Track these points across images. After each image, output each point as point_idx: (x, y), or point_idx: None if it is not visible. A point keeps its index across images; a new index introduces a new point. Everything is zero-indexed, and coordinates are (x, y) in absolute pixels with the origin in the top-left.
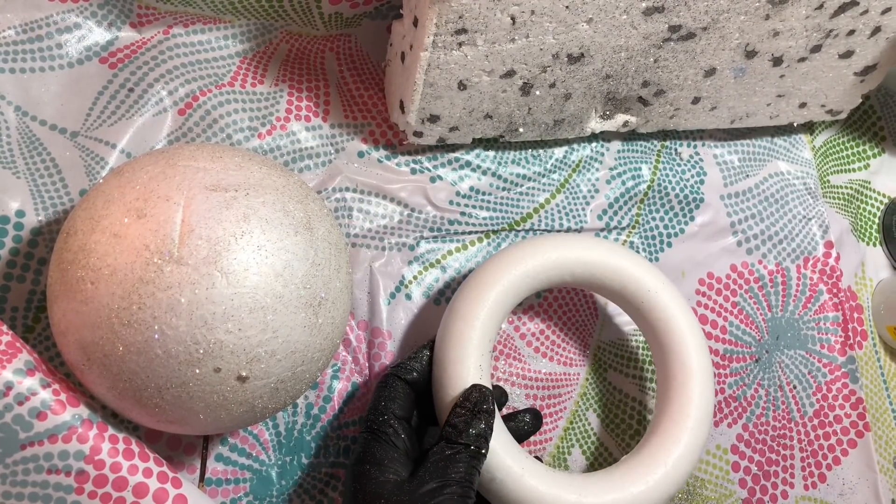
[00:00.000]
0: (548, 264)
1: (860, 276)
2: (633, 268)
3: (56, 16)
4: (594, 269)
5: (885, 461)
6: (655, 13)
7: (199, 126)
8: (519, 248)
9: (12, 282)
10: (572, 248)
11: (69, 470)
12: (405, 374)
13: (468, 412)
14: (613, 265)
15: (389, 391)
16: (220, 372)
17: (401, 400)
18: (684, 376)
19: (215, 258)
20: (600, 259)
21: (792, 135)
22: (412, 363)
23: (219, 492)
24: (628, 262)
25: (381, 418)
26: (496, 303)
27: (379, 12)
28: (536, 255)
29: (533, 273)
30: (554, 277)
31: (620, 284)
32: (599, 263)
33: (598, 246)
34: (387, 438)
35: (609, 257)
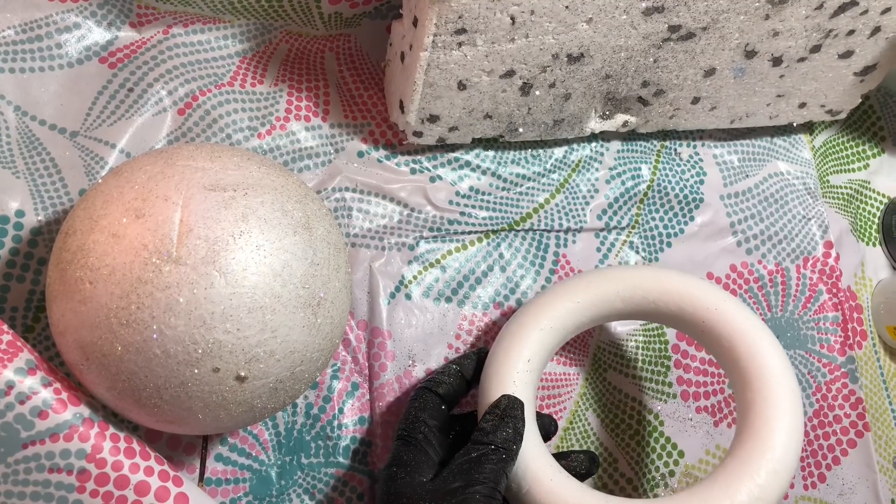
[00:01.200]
0: (602, 299)
1: (860, 276)
2: (694, 289)
3: (56, 15)
4: (657, 298)
5: (885, 461)
6: (655, 13)
7: (198, 126)
8: (573, 280)
9: (12, 282)
10: (638, 278)
11: (71, 469)
12: (435, 386)
13: (496, 417)
14: (675, 289)
15: (420, 402)
16: (219, 372)
17: (431, 409)
18: (766, 408)
19: (214, 258)
20: (662, 286)
21: (791, 135)
22: (442, 376)
23: (218, 492)
24: (691, 284)
25: (412, 425)
26: (547, 337)
27: (379, 12)
28: (591, 288)
29: (588, 307)
30: (608, 314)
31: (678, 308)
32: (661, 291)
33: (659, 274)
34: (416, 444)
35: (670, 281)
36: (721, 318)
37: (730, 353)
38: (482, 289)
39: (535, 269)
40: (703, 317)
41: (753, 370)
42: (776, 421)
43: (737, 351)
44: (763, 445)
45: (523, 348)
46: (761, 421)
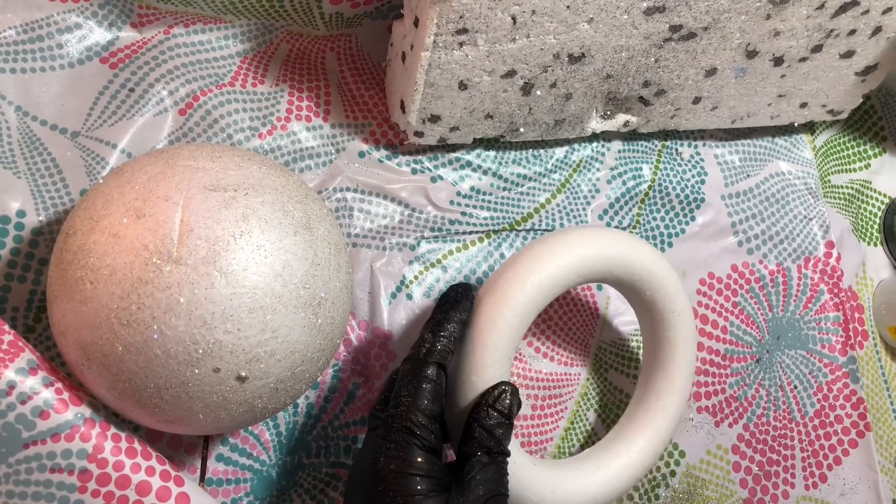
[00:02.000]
0: (598, 257)
1: (861, 276)
2: (669, 281)
3: (56, 16)
4: (640, 273)
5: (886, 461)
6: (656, 13)
7: (199, 126)
8: (568, 235)
9: (13, 282)
10: (623, 244)
11: (72, 469)
12: (442, 358)
13: (504, 417)
14: (656, 270)
15: (425, 382)
16: (220, 372)
17: (437, 394)
18: (669, 382)
19: (214, 258)
20: (644, 261)
21: (793, 135)
22: (447, 343)
23: (219, 492)
24: (665, 272)
25: (420, 419)
26: (542, 288)
27: (380, 12)
28: (588, 245)
29: (580, 264)
30: (597, 273)
31: (654, 298)
32: (642, 265)
33: (640, 246)
34: (426, 443)
35: (653, 260)
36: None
37: (649, 312)
38: None
39: None
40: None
41: (664, 334)
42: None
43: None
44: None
45: (525, 318)
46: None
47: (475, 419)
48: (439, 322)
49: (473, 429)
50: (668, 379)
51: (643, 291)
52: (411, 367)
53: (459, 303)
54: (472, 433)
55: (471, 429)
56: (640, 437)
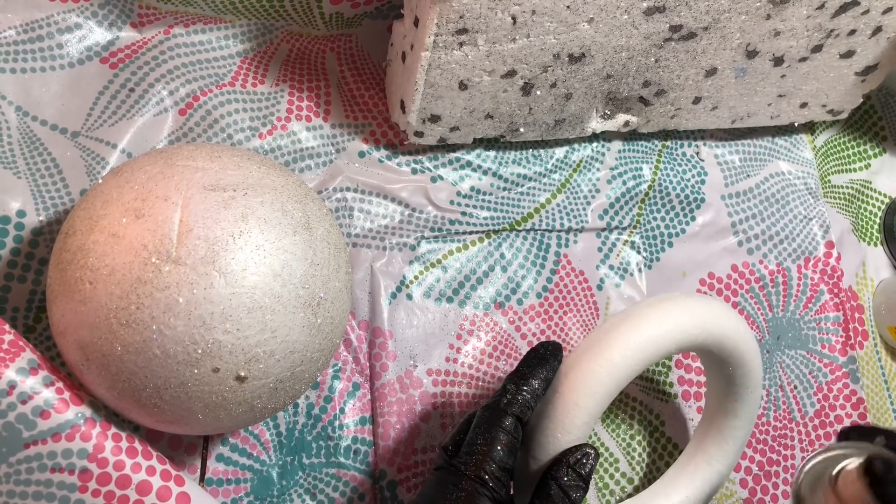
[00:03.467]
0: (696, 327)
1: (861, 276)
2: (756, 357)
3: (57, 16)
4: (726, 344)
5: None
6: (656, 13)
7: (199, 126)
8: (675, 301)
9: (13, 282)
10: (720, 315)
11: (73, 468)
12: (521, 412)
13: (582, 480)
14: (746, 347)
15: (502, 434)
16: (219, 372)
17: (512, 446)
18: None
19: (213, 258)
20: (738, 336)
21: (793, 135)
22: (529, 398)
23: (219, 492)
24: (755, 349)
25: (493, 471)
26: (642, 354)
27: (380, 12)
28: (689, 314)
29: (681, 333)
30: (691, 342)
31: (735, 365)
32: (735, 341)
33: (738, 322)
34: (497, 496)
35: (746, 338)
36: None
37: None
38: (483, 289)
39: (537, 269)
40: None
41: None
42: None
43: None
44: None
45: (618, 383)
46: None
47: (552, 477)
48: (524, 376)
49: (549, 486)
50: (722, 447)
51: (728, 364)
52: (490, 415)
53: (547, 361)
54: (548, 490)
55: (546, 486)
56: (682, 492)
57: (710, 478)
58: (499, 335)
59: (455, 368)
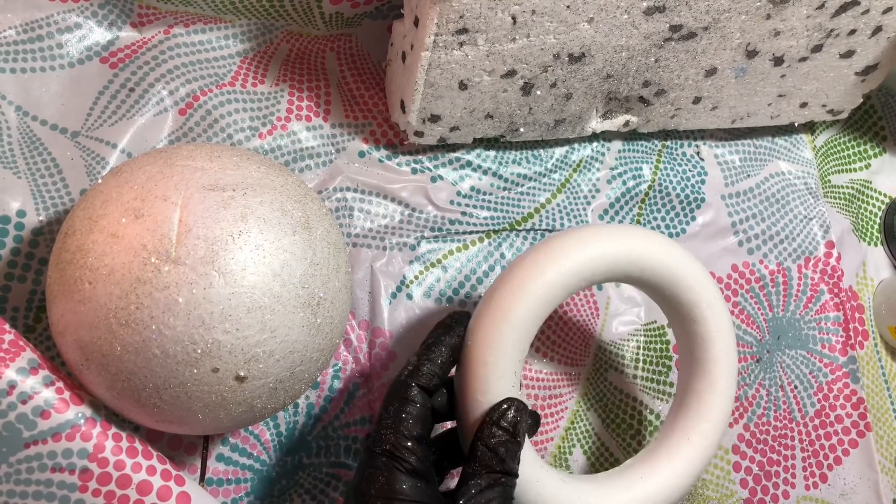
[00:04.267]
0: (601, 258)
1: (861, 275)
2: (690, 271)
3: (56, 15)
4: (652, 267)
5: (887, 461)
6: (656, 13)
7: (199, 126)
8: (566, 238)
9: (13, 282)
10: (627, 241)
11: (73, 468)
12: (426, 381)
13: (508, 434)
14: (670, 261)
15: (408, 405)
16: (218, 372)
17: (420, 416)
18: (709, 380)
19: (213, 258)
20: (654, 253)
21: (793, 134)
22: (432, 366)
23: (220, 491)
24: (684, 262)
25: (402, 442)
26: (541, 298)
27: (380, 12)
28: (587, 247)
29: (581, 268)
30: (604, 273)
31: (674, 292)
32: (652, 258)
33: (648, 237)
34: (409, 467)
35: (664, 250)
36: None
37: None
38: (483, 289)
39: None
40: (694, 307)
41: (704, 354)
42: (714, 398)
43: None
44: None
45: (528, 329)
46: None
47: (478, 438)
48: (427, 346)
49: (477, 448)
50: (707, 377)
51: (662, 286)
52: (394, 389)
53: (451, 328)
54: (476, 452)
55: (474, 448)
56: (684, 443)
57: (708, 413)
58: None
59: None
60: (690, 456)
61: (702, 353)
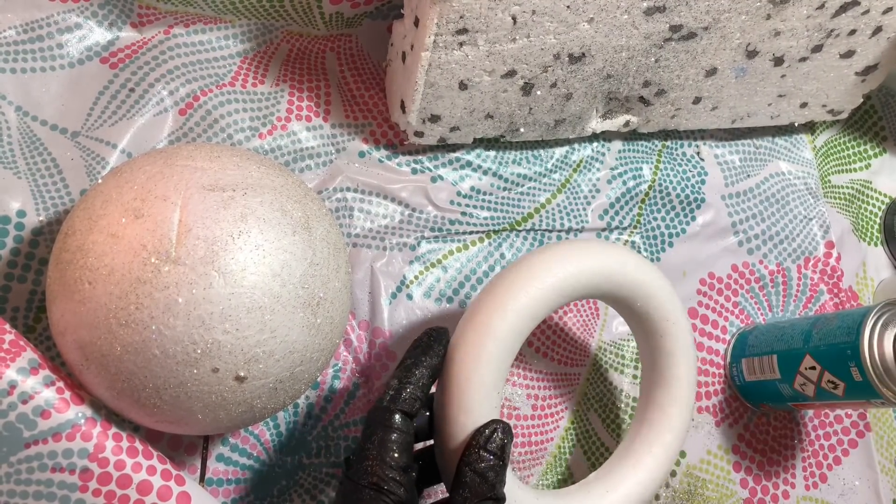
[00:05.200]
0: (580, 274)
1: (861, 276)
2: (660, 289)
3: (57, 16)
4: (628, 284)
5: (886, 461)
6: (657, 13)
7: (199, 126)
8: (546, 254)
9: (13, 282)
10: (605, 257)
11: (73, 468)
12: (409, 406)
13: (496, 458)
14: (643, 279)
15: (392, 433)
16: (218, 372)
17: (405, 444)
18: (672, 393)
19: (213, 258)
20: (629, 271)
21: (793, 135)
22: (414, 390)
23: (220, 492)
24: (655, 280)
25: (388, 473)
26: (524, 314)
27: (380, 12)
28: (568, 263)
29: (563, 284)
30: (584, 289)
31: (646, 307)
32: (627, 276)
33: (624, 256)
34: (396, 499)
35: (638, 269)
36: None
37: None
38: None
39: None
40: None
41: (664, 359)
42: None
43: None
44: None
45: (510, 348)
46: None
47: (466, 463)
48: (407, 368)
49: (464, 473)
50: (669, 391)
51: (633, 302)
52: (376, 417)
53: (431, 347)
54: (463, 478)
55: (461, 474)
56: (646, 455)
57: (669, 425)
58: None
59: None
60: (652, 467)
61: (666, 367)
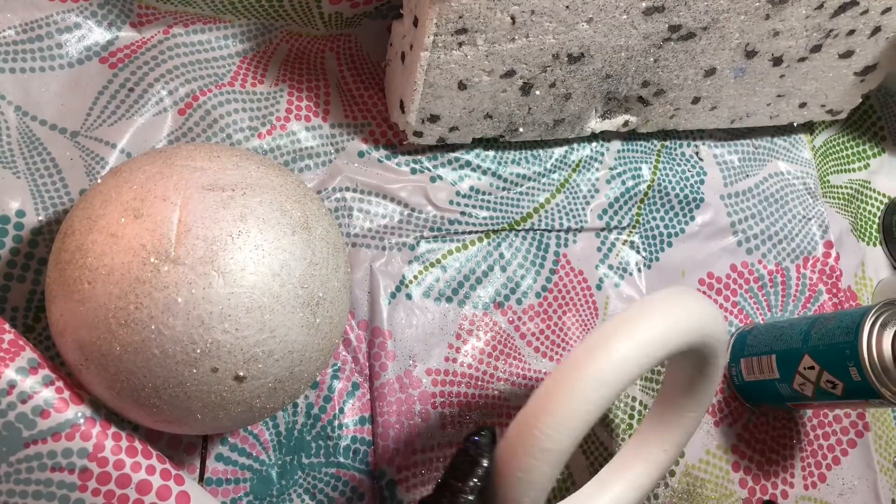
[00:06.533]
0: (638, 368)
1: (860, 275)
2: (716, 322)
3: (56, 15)
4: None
5: (885, 461)
6: (655, 13)
7: (199, 126)
8: (599, 353)
9: (13, 282)
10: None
11: (73, 467)
12: (470, 492)
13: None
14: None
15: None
16: (218, 372)
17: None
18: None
19: (212, 258)
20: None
21: (792, 135)
22: (472, 483)
23: (219, 491)
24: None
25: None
26: (580, 427)
27: (379, 12)
28: (625, 368)
29: (621, 384)
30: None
31: (703, 355)
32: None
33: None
34: None
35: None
36: None
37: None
38: (483, 289)
39: (536, 268)
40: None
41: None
42: None
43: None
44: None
45: (536, 496)
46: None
47: None
48: (453, 491)
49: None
50: (695, 400)
51: (701, 361)
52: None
53: (477, 463)
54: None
55: None
56: (660, 453)
57: (662, 465)
58: (498, 335)
59: (454, 368)
60: (663, 464)
61: (701, 383)
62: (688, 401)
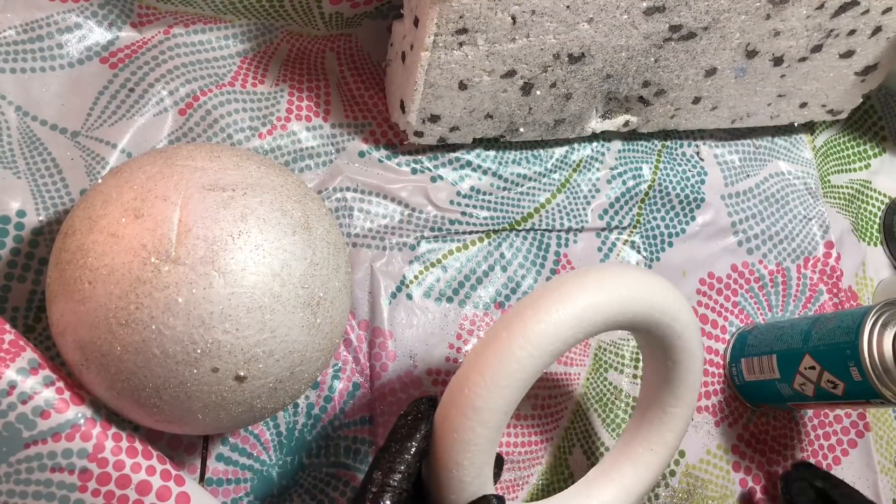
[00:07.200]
0: (582, 322)
1: (861, 276)
2: (675, 304)
3: (56, 16)
4: (644, 310)
5: (886, 461)
6: (656, 13)
7: (199, 126)
8: (530, 307)
9: (13, 282)
10: (614, 290)
11: (73, 468)
12: (399, 499)
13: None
14: (657, 301)
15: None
16: (218, 372)
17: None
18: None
19: (213, 258)
20: (641, 302)
21: (793, 135)
22: (402, 480)
23: (219, 491)
24: (663, 291)
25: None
26: (515, 387)
27: (380, 12)
28: (548, 315)
29: (556, 343)
30: (584, 334)
31: (657, 325)
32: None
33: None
34: None
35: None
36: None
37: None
38: (483, 289)
39: (537, 268)
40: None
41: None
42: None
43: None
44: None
45: (502, 420)
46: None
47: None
48: (392, 454)
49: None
50: (673, 391)
51: (648, 327)
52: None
53: (416, 429)
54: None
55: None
56: (646, 452)
57: (652, 465)
58: None
59: (455, 368)
60: (653, 464)
61: (674, 371)
62: (667, 395)
